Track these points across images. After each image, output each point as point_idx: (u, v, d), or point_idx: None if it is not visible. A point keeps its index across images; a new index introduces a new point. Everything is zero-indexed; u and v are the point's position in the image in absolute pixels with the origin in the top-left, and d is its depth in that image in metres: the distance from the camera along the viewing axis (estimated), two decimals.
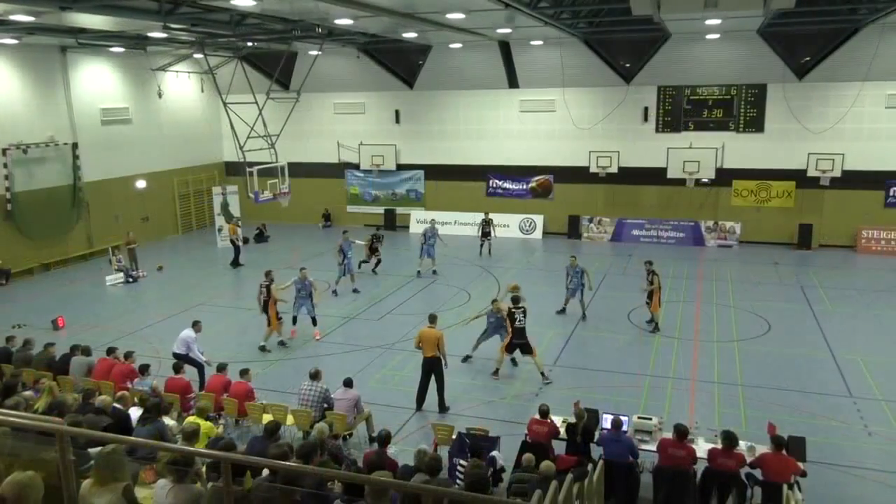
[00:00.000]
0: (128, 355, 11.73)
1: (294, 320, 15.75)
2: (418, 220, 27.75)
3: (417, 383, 11.97)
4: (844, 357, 13.96)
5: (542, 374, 13.07)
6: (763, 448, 8.63)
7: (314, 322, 15.74)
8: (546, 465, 7.46)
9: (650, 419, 9.51)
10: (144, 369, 11.38)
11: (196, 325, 13.00)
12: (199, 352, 12.74)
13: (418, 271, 20.84)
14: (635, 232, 25.58)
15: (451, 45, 24.77)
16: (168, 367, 11.80)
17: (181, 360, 12.36)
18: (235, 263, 22.33)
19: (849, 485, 9.47)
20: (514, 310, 13.21)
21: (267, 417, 10.14)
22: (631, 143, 25.23)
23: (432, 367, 11.75)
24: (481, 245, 23.73)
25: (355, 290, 19.15)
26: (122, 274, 20.88)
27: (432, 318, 12.19)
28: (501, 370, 13.31)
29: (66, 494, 4.87)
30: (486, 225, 23.78)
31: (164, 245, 25.90)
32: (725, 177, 24.38)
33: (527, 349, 13.08)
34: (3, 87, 21.06)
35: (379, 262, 21.14)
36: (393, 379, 13.29)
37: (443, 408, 11.77)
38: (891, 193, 23.14)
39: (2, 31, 17.85)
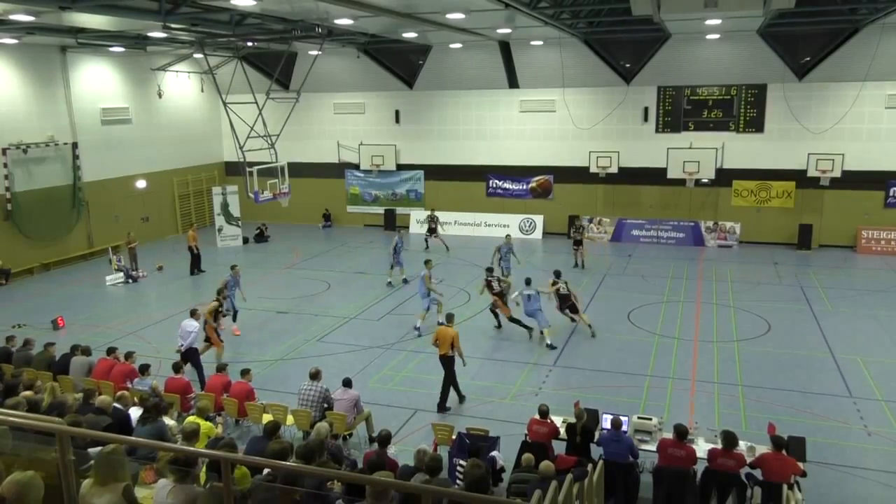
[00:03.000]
0: (128, 355, 11.73)
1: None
2: (418, 220, 27.76)
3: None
4: (844, 357, 13.95)
5: (590, 326, 15.45)
6: (763, 448, 8.63)
7: (234, 318, 16.07)
8: (545, 465, 7.46)
9: (650, 419, 9.51)
10: (144, 369, 11.39)
11: (195, 314, 12.99)
12: (189, 341, 12.68)
13: (389, 282, 19.87)
14: (635, 232, 25.58)
15: (451, 45, 24.77)
16: (168, 367, 11.80)
17: (183, 355, 12.39)
18: (193, 271, 21.57)
19: (849, 485, 9.47)
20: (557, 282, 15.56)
21: (267, 417, 10.15)
22: (631, 143, 25.23)
23: (445, 365, 11.85)
24: (426, 239, 24.24)
25: (405, 280, 19.91)
26: (121, 274, 20.88)
27: (449, 318, 12.42)
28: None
29: (66, 494, 4.87)
30: (432, 221, 24.23)
31: (163, 245, 25.90)
32: (725, 177, 24.39)
33: (574, 309, 15.61)
34: (3, 86, 21.06)
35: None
36: (393, 379, 13.28)
37: (443, 408, 11.74)
38: (891, 193, 23.14)
39: (2, 30, 17.84)
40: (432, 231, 24.17)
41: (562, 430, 9.26)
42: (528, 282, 15.34)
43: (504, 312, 15.45)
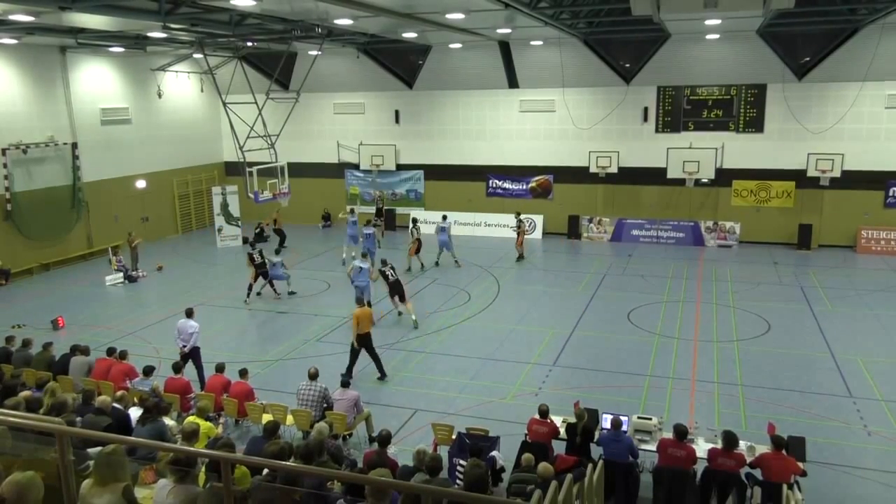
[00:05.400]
0: (122, 356, 11.71)
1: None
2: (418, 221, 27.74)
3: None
4: (844, 357, 13.96)
5: (414, 318, 16.10)
6: (763, 448, 8.63)
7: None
8: (543, 466, 7.40)
9: (650, 419, 9.51)
10: (149, 371, 11.34)
11: (191, 314, 12.96)
12: (192, 341, 12.64)
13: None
14: (635, 232, 25.58)
15: (451, 46, 24.77)
16: (168, 366, 11.79)
17: (185, 357, 12.36)
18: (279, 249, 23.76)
19: (849, 485, 9.47)
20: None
21: (267, 417, 10.14)
22: (631, 143, 25.23)
23: (366, 343, 13.05)
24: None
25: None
26: (121, 274, 20.88)
27: (360, 301, 13.96)
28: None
29: (66, 494, 4.87)
30: (378, 215, 26.69)
31: (163, 245, 25.89)
32: (725, 177, 24.38)
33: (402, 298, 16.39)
34: (2, 87, 21.04)
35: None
36: (393, 379, 13.28)
37: (384, 374, 13.12)
38: (891, 193, 23.14)
39: (2, 30, 17.84)
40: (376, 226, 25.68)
41: (562, 430, 9.26)
42: (364, 255, 17.59)
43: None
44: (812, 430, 10.49)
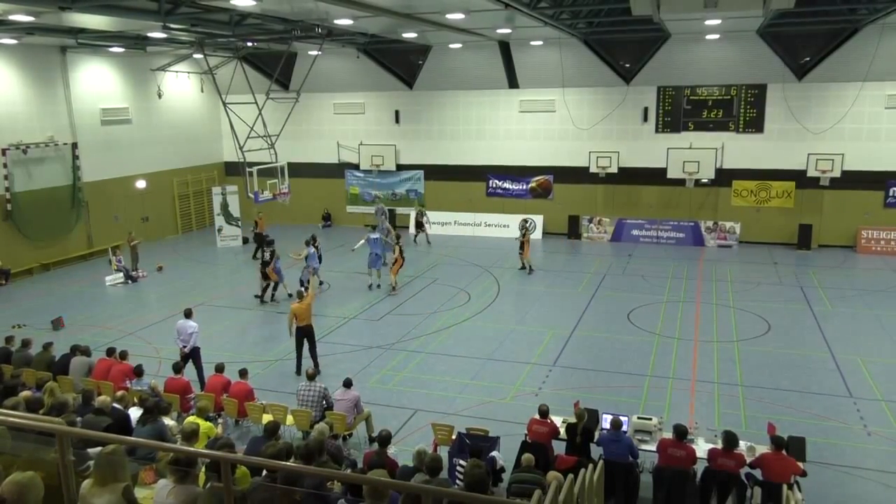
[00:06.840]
0: (123, 356, 11.70)
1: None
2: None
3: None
4: (844, 357, 13.96)
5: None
6: (763, 448, 8.64)
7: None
8: (552, 475, 7.32)
9: (650, 419, 9.51)
10: (140, 370, 11.31)
11: (190, 315, 12.95)
12: (192, 341, 12.62)
13: (370, 284, 19.60)
14: (635, 232, 25.58)
15: (451, 46, 24.77)
16: (168, 366, 11.79)
17: (185, 357, 12.35)
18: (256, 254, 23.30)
19: (849, 485, 9.47)
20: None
21: (267, 417, 10.14)
22: (631, 143, 25.23)
23: (308, 334, 13.31)
24: (415, 235, 25.17)
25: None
26: (121, 274, 20.88)
27: (300, 295, 13.91)
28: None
29: (66, 494, 4.87)
30: (420, 216, 25.75)
31: (163, 245, 25.89)
32: (725, 177, 24.38)
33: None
34: (3, 87, 21.05)
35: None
36: (393, 379, 13.29)
37: (318, 368, 12.59)
38: (891, 193, 23.13)
39: (2, 30, 17.84)
40: (420, 226, 25.36)
41: (562, 430, 9.26)
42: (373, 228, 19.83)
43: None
44: (812, 430, 10.50)
